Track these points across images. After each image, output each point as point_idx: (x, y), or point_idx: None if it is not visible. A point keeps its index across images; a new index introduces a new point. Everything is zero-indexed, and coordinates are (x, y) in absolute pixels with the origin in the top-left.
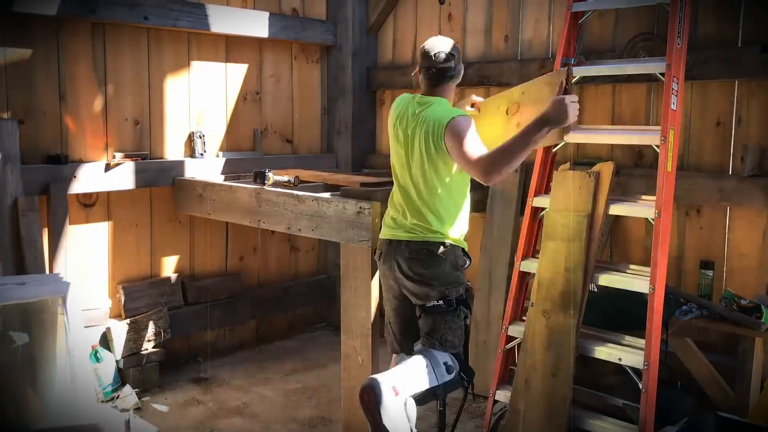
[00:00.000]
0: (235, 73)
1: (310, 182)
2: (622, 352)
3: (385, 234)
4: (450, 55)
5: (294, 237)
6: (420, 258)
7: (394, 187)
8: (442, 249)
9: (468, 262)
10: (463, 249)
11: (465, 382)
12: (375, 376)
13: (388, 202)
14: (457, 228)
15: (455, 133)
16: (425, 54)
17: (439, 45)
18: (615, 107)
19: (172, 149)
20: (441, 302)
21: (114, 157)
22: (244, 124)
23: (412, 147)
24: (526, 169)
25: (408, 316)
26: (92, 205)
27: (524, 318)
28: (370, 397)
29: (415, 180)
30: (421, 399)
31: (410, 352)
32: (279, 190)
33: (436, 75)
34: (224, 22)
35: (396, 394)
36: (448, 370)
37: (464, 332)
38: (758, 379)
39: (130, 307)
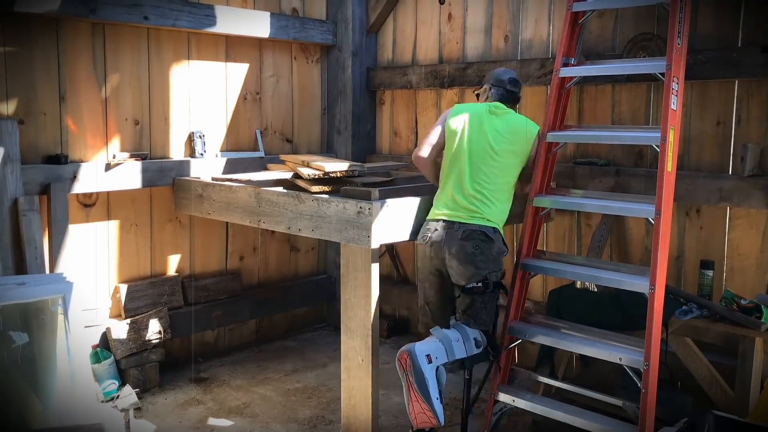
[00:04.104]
0: (235, 72)
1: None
2: (622, 352)
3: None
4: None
5: (294, 237)
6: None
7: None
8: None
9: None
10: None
11: (491, 355)
12: (413, 343)
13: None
14: None
15: None
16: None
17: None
18: (615, 107)
19: (173, 149)
20: (480, 284)
21: (114, 157)
22: (244, 124)
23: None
24: None
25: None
26: (92, 205)
27: (524, 318)
28: (407, 361)
29: None
30: (451, 368)
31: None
32: (279, 189)
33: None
34: (224, 21)
35: (429, 361)
36: (477, 344)
37: (495, 312)
38: (758, 379)
39: (130, 307)
